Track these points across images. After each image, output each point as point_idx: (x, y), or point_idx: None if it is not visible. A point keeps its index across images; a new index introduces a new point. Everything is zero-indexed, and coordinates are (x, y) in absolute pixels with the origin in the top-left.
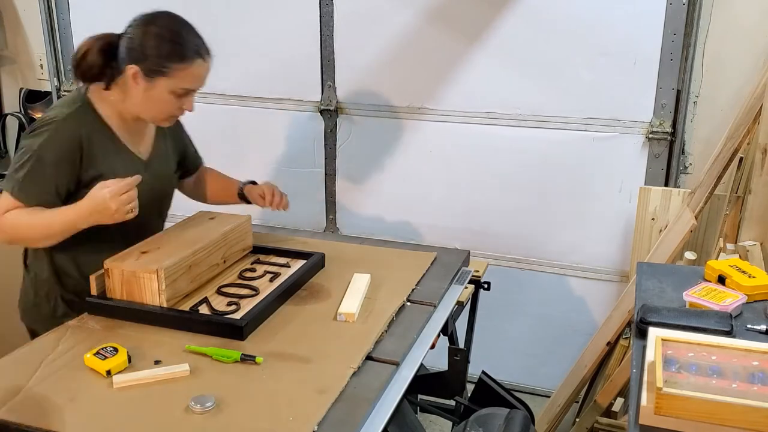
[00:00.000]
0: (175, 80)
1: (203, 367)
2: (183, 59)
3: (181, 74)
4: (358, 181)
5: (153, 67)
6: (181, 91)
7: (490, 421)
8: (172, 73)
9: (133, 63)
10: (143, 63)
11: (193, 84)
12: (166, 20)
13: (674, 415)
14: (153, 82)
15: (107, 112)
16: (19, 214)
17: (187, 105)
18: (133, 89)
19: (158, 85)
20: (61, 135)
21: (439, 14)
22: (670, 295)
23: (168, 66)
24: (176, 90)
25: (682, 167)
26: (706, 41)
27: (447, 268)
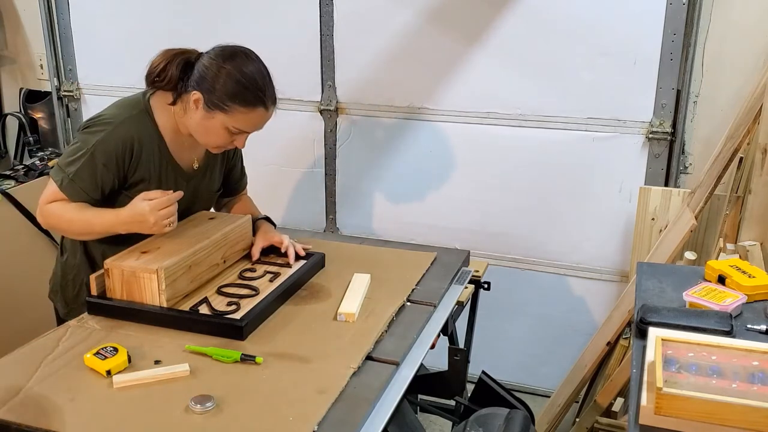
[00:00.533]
0: (232, 120)
1: (203, 367)
2: (245, 104)
3: (240, 117)
4: (358, 181)
5: (215, 101)
6: (235, 131)
7: (490, 421)
8: (231, 113)
9: (199, 90)
10: (208, 93)
11: (248, 128)
12: (242, 60)
13: (674, 415)
14: (211, 114)
15: (164, 122)
16: (63, 208)
17: (239, 143)
18: (192, 113)
19: (215, 118)
20: (117, 136)
21: (439, 14)
22: (670, 295)
23: (229, 105)
24: (230, 128)
25: (682, 167)
26: (706, 41)
27: (447, 268)
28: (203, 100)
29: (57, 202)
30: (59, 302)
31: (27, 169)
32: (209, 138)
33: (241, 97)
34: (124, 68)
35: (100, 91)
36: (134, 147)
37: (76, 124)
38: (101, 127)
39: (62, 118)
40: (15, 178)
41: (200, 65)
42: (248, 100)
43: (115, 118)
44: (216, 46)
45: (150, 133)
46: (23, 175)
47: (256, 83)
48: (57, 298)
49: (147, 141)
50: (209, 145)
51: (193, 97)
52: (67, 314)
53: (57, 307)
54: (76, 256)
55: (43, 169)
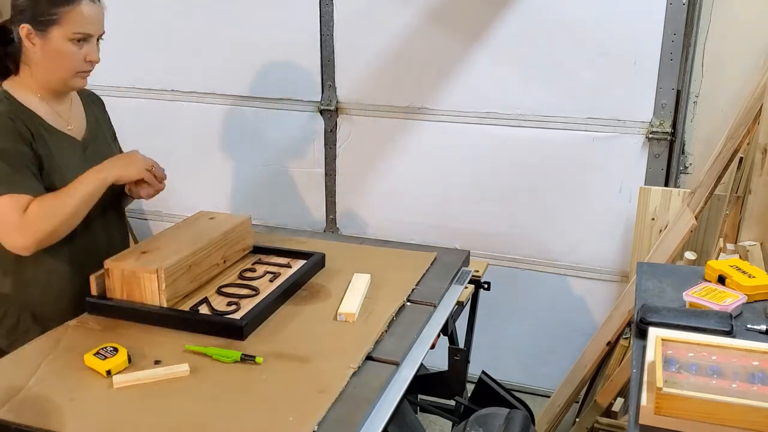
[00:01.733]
0: (67, 26)
1: (203, 367)
2: (69, 2)
3: (71, 17)
4: (358, 181)
5: (42, 18)
6: (78, 37)
7: (490, 421)
8: (61, 19)
9: (24, 23)
10: (32, 19)
11: (87, 27)
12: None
13: (674, 415)
14: (47, 35)
15: (27, 99)
16: (41, 201)
17: (91, 55)
18: (33, 53)
19: (53, 36)
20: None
21: (439, 14)
22: (670, 295)
23: (55, 12)
24: (72, 36)
25: (682, 167)
26: (706, 41)
27: (447, 268)
28: (33, 29)
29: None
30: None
31: None
32: (61, 64)
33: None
34: (124, 68)
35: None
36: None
37: None
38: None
39: None
40: None
41: (13, 6)
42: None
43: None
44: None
45: (24, 115)
46: None
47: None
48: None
49: (28, 121)
50: (67, 75)
51: (23, 33)
52: (9, 346)
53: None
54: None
55: None
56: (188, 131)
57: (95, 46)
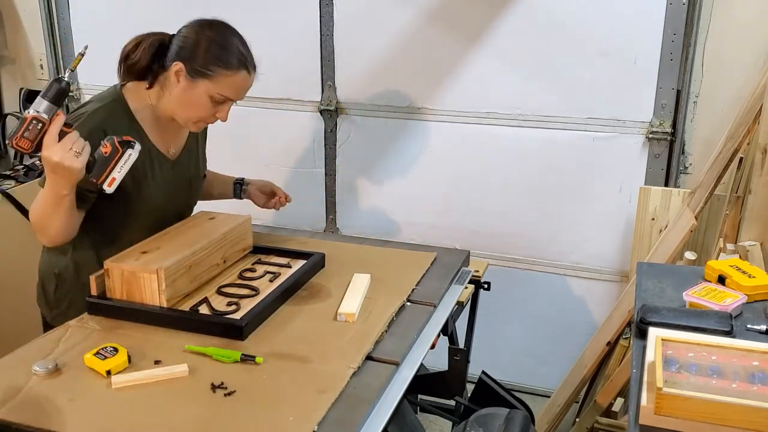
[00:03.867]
0: (216, 85)
1: (203, 367)
2: (229, 67)
3: (224, 81)
4: (358, 180)
5: (198, 68)
6: (219, 98)
7: (490, 421)
8: (215, 77)
9: (180, 60)
10: (189, 62)
11: (232, 93)
12: (222, 28)
13: (674, 415)
14: (194, 83)
15: (140, 109)
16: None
17: (221, 114)
18: (174, 87)
19: (199, 86)
20: (86, 127)
21: (439, 14)
22: (670, 295)
23: (212, 70)
24: (215, 95)
25: (682, 167)
26: (706, 41)
27: (447, 268)
28: (185, 70)
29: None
30: (44, 306)
31: (27, 169)
32: (192, 110)
33: (224, 60)
34: None
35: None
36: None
37: None
38: (75, 119)
39: None
40: (15, 178)
41: (178, 38)
42: (231, 63)
43: (85, 111)
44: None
45: (125, 122)
46: (23, 175)
47: (238, 47)
48: (42, 303)
49: (124, 129)
50: (191, 120)
51: (174, 69)
52: (53, 318)
53: (43, 312)
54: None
55: (43, 169)
56: None
57: (229, 107)
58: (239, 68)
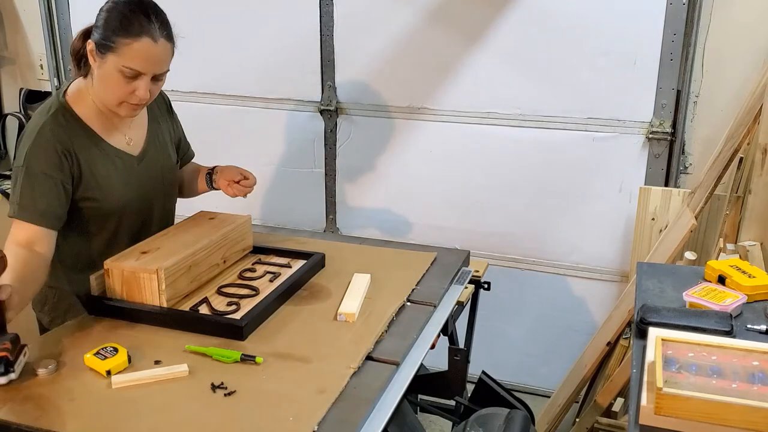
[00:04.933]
0: (120, 57)
1: (203, 367)
2: (128, 34)
3: (126, 51)
4: (358, 181)
5: (102, 41)
6: (129, 72)
7: (490, 421)
8: (117, 48)
9: (91, 39)
10: (98, 38)
11: (138, 64)
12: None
13: (674, 415)
14: (104, 59)
15: (86, 111)
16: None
17: (139, 91)
18: (93, 71)
19: (107, 62)
20: (43, 142)
21: (439, 14)
22: (670, 295)
23: (114, 41)
24: (123, 69)
25: (682, 167)
26: (706, 41)
27: (447, 268)
28: (96, 48)
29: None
30: (40, 313)
31: None
32: (109, 90)
33: (123, 28)
34: None
35: None
36: (66, 147)
37: None
38: (25, 142)
39: None
40: None
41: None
42: (131, 30)
43: (35, 126)
44: None
45: (76, 130)
46: None
47: (142, 14)
48: (38, 309)
49: (77, 138)
50: (112, 102)
51: (88, 48)
52: (49, 323)
53: (39, 317)
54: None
55: None
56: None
57: (146, 82)
58: (139, 35)
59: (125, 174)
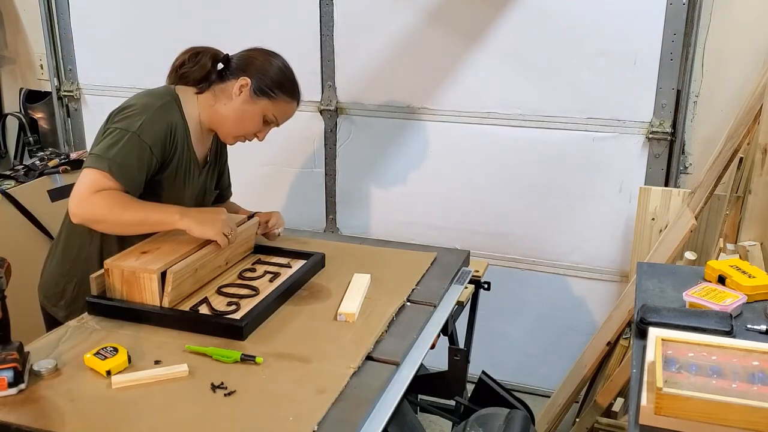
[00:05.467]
0: (273, 108)
1: (203, 367)
2: (289, 95)
3: (281, 106)
4: (358, 181)
5: (264, 87)
6: (271, 119)
7: (490, 421)
8: (276, 100)
9: (248, 76)
10: (257, 80)
11: (281, 118)
12: (285, 60)
13: (674, 415)
14: (256, 100)
15: (189, 112)
16: (115, 196)
17: (262, 134)
18: (232, 99)
19: (258, 104)
20: (161, 119)
21: (439, 14)
22: (670, 295)
23: (276, 93)
24: (269, 116)
25: (682, 167)
26: (706, 41)
27: (447, 268)
28: (251, 86)
29: (105, 191)
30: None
31: (27, 169)
32: (243, 124)
33: (287, 88)
34: (124, 68)
35: (100, 91)
36: (174, 131)
37: (76, 124)
38: (140, 113)
39: (62, 118)
40: (15, 178)
41: (245, 57)
42: (292, 92)
43: (151, 105)
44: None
45: (180, 122)
46: (23, 175)
47: (296, 80)
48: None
49: (180, 128)
50: (237, 132)
51: (240, 83)
52: (66, 317)
53: (52, 311)
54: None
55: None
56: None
57: (269, 130)
58: (295, 98)
59: (192, 181)
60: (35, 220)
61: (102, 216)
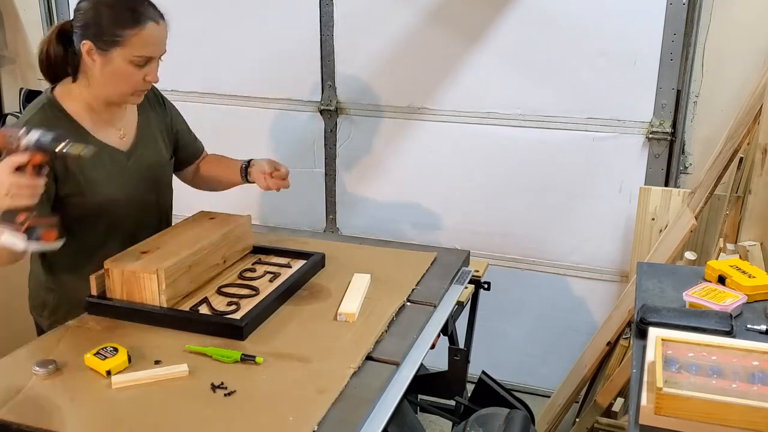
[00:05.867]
0: (130, 49)
1: (203, 367)
2: (134, 25)
3: (135, 41)
4: (358, 181)
5: (106, 38)
6: (140, 60)
7: (490, 421)
8: (124, 41)
9: (86, 39)
10: (96, 37)
11: (150, 50)
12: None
13: (674, 415)
14: (109, 55)
15: (74, 107)
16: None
17: (150, 75)
18: (92, 68)
19: (115, 57)
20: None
21: (439, 14)
22: (670, 295)
23: (119, 34)
24: (134, 59)
25: (682, 167)
26: (706, 41)
27: (447, 268)
28: (94, 47)
29: None
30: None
31: None
32: (120, 84)
33: (125, 20)
34: None
35: None
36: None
37: None
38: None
39: None
40: None
41: (77, 18)
42: (133, 21)
43: (22, 121)
44: None
45: (64, 125)
46: None
47: (135, 2)
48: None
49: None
50: (125, 93)
51: (84, 50)
52: (49, 326)
53: (38, 321)
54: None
55: None
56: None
57: (155, 65)
58: (145, 22)
59: (113, 170)
60: None
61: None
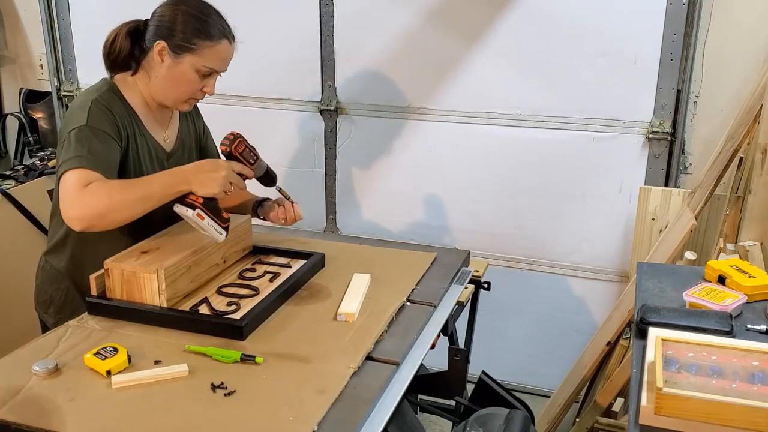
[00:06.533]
0: (200, 58)
1: (203, 367)
2: (210, 37)
3: (207, 52)
4: (358, 181)
5: (180, 43)
6: (205, 71)
7: (490, 421)
8: (198, 50)
9: (161, 39)
10: (171, 39)
11: (217, 64)
12: (196, 1)
13: (674, 415)
14: (179, 59)
15: (133, 98)
16: (106, 183)
17: (208, 88)
18: (158, 67)
19: (184, 62)
20: (102, 108)
21: (439, 14)
22: (670, 295)
23: (195, 43)
24: (200, 69)
25: (682, 167)
26: (706, 41)
27: (447, 268)
28: (168, 48)
29: (92, 184)
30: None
31: (27, 169)
32: (180, 88)
33: (205, 32)
34: None
35: None
36: (117, 120)
37: None
38: (81, 110)
39: (62, 119)
40: (15, 178)
41: (155, 18)
42: (213, 34)
43: (88, 99)
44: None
45: (124, 110)
46: (23, 175)
47: (216, 17)
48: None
49: (124, 117)
50: (180, 98)
51: (156, 49)
52: (55, 324)
53: (43, 318)
54: (61, 262)
55: (43, 169)
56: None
57: (214, 80)
58: (221, 38)
59: (156, 167)
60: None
61: (104, 206)
